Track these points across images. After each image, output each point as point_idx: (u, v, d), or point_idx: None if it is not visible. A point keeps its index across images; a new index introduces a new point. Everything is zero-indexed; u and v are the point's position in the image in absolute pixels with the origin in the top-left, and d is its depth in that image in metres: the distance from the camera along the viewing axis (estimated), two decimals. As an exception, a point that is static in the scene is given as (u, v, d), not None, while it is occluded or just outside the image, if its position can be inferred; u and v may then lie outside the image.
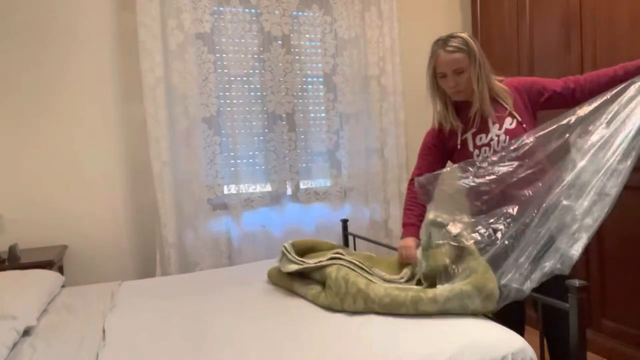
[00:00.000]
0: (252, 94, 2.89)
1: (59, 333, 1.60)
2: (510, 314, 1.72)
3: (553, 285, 1.47)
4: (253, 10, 2.87)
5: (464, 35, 1.74)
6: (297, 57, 2.98)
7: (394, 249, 2.34)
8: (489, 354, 1.33)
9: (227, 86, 2.83)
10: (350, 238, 2.54)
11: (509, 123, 1.74)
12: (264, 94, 2.90)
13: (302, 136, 3.01)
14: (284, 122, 2.94)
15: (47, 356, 1.43)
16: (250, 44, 2.86)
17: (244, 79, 2.86)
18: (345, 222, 2.62)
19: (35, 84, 2.54)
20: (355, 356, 1.33)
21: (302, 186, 3.04)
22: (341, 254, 1.88)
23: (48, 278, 1.98)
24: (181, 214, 2.70)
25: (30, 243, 2.51)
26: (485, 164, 1.68)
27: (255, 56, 2.87)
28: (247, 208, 2.87)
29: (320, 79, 3.07)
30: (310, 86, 3.05)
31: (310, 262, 1.88)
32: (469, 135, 1.80)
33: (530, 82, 1.81)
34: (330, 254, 1.89)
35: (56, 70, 2.57)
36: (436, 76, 1.79)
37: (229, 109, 2.83)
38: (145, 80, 2.56)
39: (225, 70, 2.83)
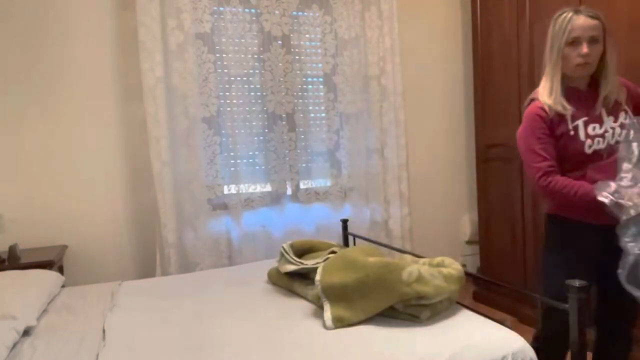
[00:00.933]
0: (252, 94, 2.89)
1: (59, 333, 1.60)
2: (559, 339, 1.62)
3: None
4: (253, 10, 2.87)
5: None
6: (297, 57, 2.98)
7: (394, 249, 2.35)
8: (489, 354, 1.33)
9: (227, 86, 2.83)
10: (350, 238, 2.54)
11: (624, 117, 1.65)
12: (264, 94, 2.90)
13: (302, 136, 3.01)
14: (284, 122, 2.94)
15: (47, 356, 1.43)
16: (250, 44, 2.86)
17: (244, 79, 2.86)
18: (345, 222, 2.62)
19: (35, 84, 2.54)
20: (355, 357, 1.33)
21: (302, 186, 3.04)
22: (336, 253, 1.88)
23: (48, 278, 1.98)
24: (181, 214, 2.70)
25: (30, 243, 2.51)
26: None
27: (255, 56, 2.88)
28: (247, 208, 2.87)
29: (320, 79, 3.07)
30: (310, 86, 3.05)
31: (308, 262, 1.88)
32: (580, 123, 1.66)
33: (633, 86, 1.74)
34: (326, 254, 1.90)
35: (56, 70, 2.57)
36: (562, 48, 1.64)
37: (229, 109, 2.83)
38: (145, 80, 2.56)
39: (225, 70, 2.83)
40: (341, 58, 3.03)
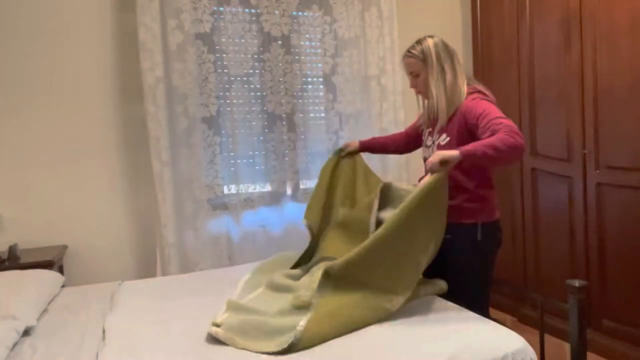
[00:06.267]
0: (252, 94, 2.89)
1: (59, 333, 1.60)
2: None
3: None
4: (253, 11, 2.87)
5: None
6: (296, 57, 2.97)
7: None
8: (489, 354, 1.33)
9: (227, 86, 2.83)
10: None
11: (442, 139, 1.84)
12: (264, 94, 2.90)
13: (302, 136, 3.00)
14: (283, 123, 2.94)
15: (47, 356, 1.43)
16: (250, 44, 2.85)
17: (244, 79, 2.86)
18: (345, 222, 2.62)
19: (35, 84, 2.54)
20: (355, 357, 1.33)
21: (301, 186, 3.04)
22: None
23: (48, 278, 1.98)
24: (181, 214, 2.70)
25: (30, 243, 2.51)
26: None
27: (255, 56, 2.87)
28: (247, 208, 2.87)
29: (320, 79, 3.07)
30: (309, 86, 3.04)
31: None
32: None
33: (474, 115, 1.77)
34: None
35: (56, 70, 2.57)
36: None
37: (229, 109, 2.83)
38: (145, 80, 2.56)
39: (225, 70, 2.82)
40: (341, 58, 3.03)
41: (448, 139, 1.80)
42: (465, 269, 1.80)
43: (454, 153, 1.56)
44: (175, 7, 2.62)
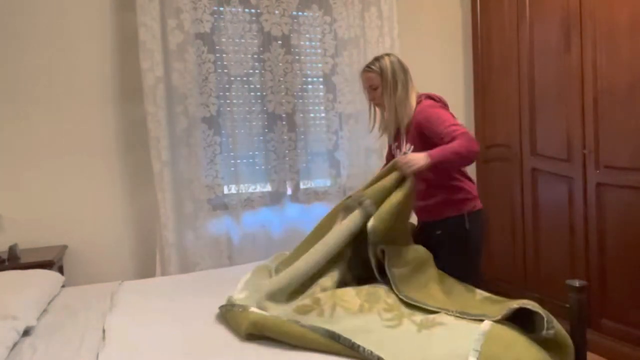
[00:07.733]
0: (252, 94, 2.89)
1: (59, 333, 1.60)
2: None
3: None
4: (253, 10, 2.87)
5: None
6: (297, 57, 2.98)
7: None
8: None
9: (227, 86, 2.83)
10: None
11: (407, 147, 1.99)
12: (264, 94, 2.90)
13: (302, 136, 3.01)
14: (283, 122, 2.94)
15: (47, 356, 1.43)
16: (250, 44, 2.85)
17: (244, 79, 2.86)
18: (345, 222, 2.61)
19: (35, 84, 2.54)
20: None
21: (302, 186, 3.04)
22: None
23: (48, 278, 1.98)
24: (181, 214, 2.70)
25: (30, 243, 2.51)
26: None
27: (255, 56, 2.88)
28: (247, 208, 2.87)
29: (320, 79, 3.07)
30: (310, 86, 3.05)
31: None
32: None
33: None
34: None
35: (56, 70, 2.57)
36: None
37: (229, 109, 2.83)
38: (145, 80, 2.56)
39: (225, 70, 2.82)
40: (341, 58, 3.03)
41: (412, 147, 1.96)
42: (459, 256, 1.91)
43: (425, 160, 1.75)
44: (175, 7, 2.62)
